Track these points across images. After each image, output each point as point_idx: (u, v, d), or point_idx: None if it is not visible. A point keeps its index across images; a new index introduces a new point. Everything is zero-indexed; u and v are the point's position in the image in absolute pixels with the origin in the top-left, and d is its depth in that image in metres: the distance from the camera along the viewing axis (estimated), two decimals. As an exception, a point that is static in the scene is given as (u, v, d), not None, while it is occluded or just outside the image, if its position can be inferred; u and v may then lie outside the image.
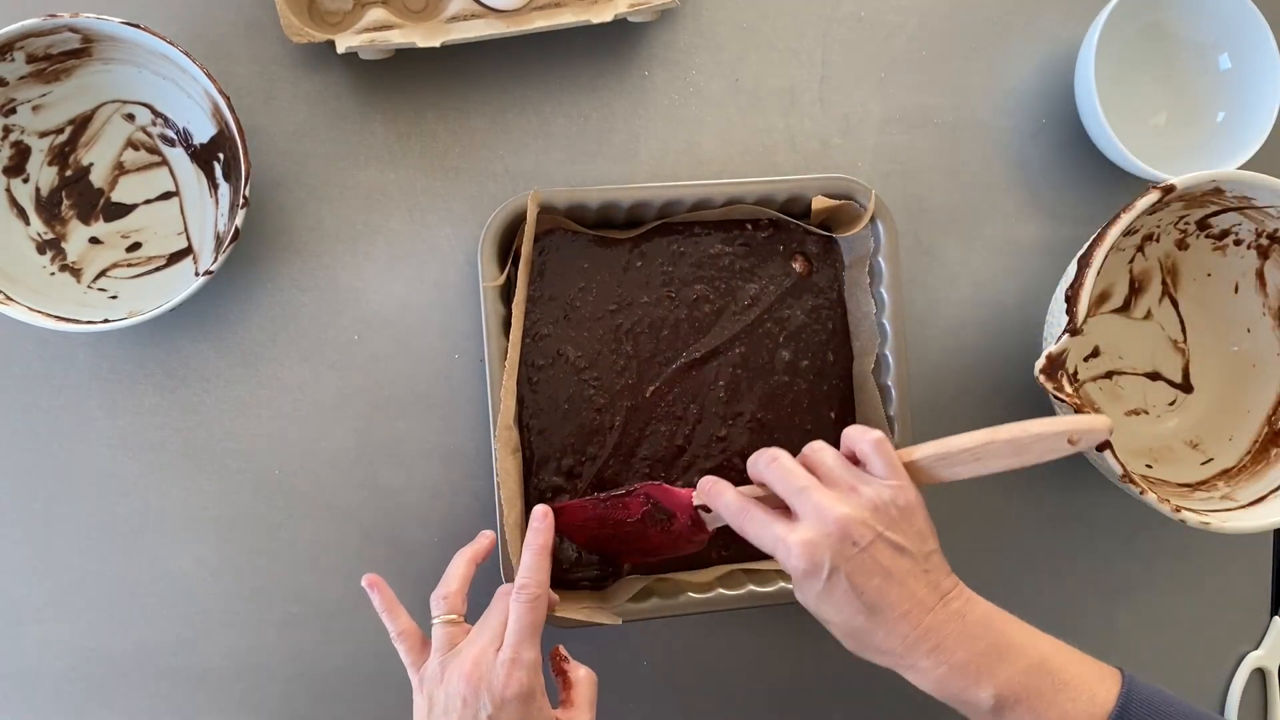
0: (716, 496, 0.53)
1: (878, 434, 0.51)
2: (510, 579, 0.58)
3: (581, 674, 0.55)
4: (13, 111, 0.59)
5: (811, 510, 0.49)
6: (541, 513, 0.56)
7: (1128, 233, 0.61)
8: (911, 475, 0.51)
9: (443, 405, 0.64)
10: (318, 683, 0.63)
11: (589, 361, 0.63)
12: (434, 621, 0.53)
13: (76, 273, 0.61)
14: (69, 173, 0.61)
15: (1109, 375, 0.70)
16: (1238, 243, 0.67)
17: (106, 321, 0.57)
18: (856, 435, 0.52)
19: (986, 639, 0.49)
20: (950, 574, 0.51)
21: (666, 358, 0.63)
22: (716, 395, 0.64)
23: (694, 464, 0.63)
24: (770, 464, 0.52)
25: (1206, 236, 0.67)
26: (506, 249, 0.62)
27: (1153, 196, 0.58)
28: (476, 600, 0.63)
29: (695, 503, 0.55)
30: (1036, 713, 0.48)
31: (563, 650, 0.56)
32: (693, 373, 0.64)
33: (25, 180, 0.60)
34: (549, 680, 0.53)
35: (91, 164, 0.61)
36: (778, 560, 0.50)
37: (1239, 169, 0.63)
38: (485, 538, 0.57)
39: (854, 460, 0.52)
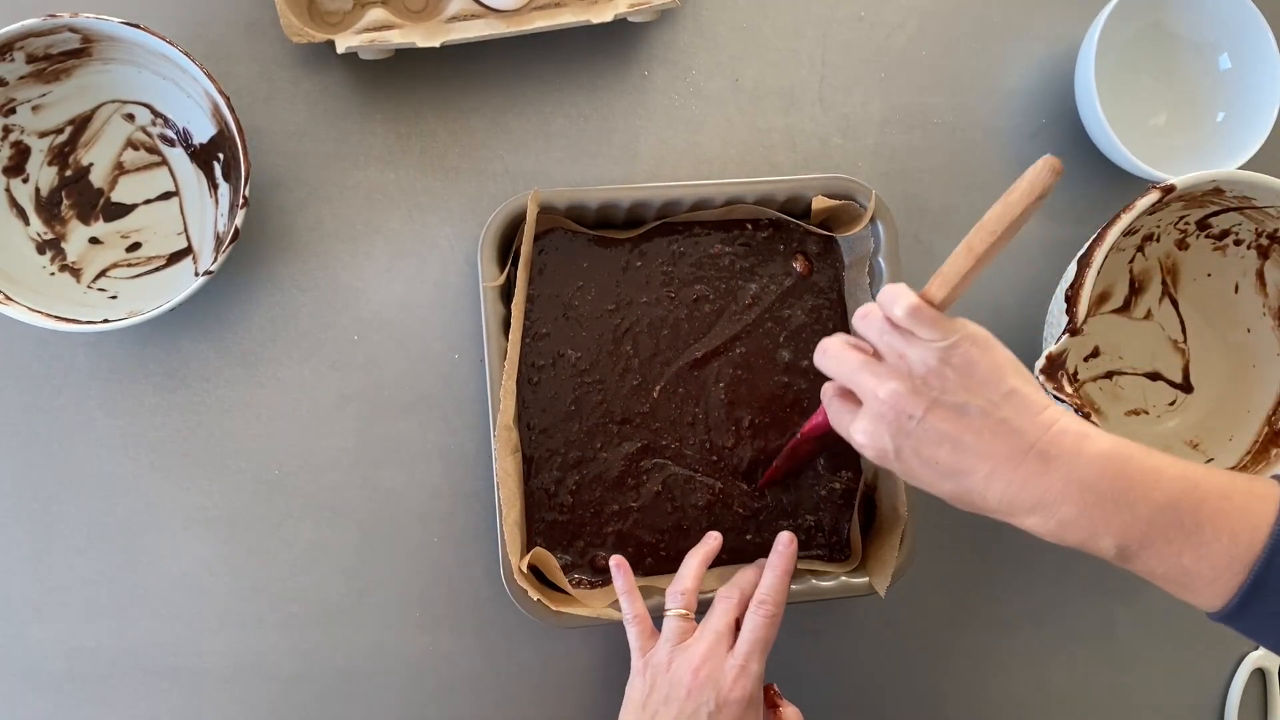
0: (824, 395, 0.53)
1: (909, 301, 0.46)
2: (510, 580, 0.59)
3: (790, 712, 0.57)
4: (13, 111, 0.59)
5: (864, 392, 0.47)
6: (787, 539, 0.58)
7: (1128, 233, 0.61)
8: (944, 310, 0.47)
9: (443, 405, 0.64)
10: (318, 683, 0.63)
11: (589, 362, 0.63)
12: (668, 614, 0.56)
13: (76, 273, 0.61)
14: (69, 173, 0.61)
15: (1109, 375, 0.70)
16: (1238, 243, 0.67)
17: (106, 321, 0.57)
18: (889, 304, 0.47)
19: (1101, 486, 0.44)
20: (1043, 412, 0.45)
21: (667, 357, 0.63)
22: (717, 396, 0.64)
23: (691, 461, 0.63)
24: (821, 356, 0.50)
25: (1206, 236, 0.67)
26: (506, 249, 0.62)
27: (1153, 196, 0.58)
28: (462, 607, 0.63)
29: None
30: (1165, 559, 0.44)
31: (776, 688, 0.59)
32: (693, 373, 0.64)
33: (25, 180, 0.60)
34: None
35: (91, 164, 0.61)
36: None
37: (1239, 169, 0.63)
38: (713, 538, 0.60)
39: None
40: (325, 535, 0.63)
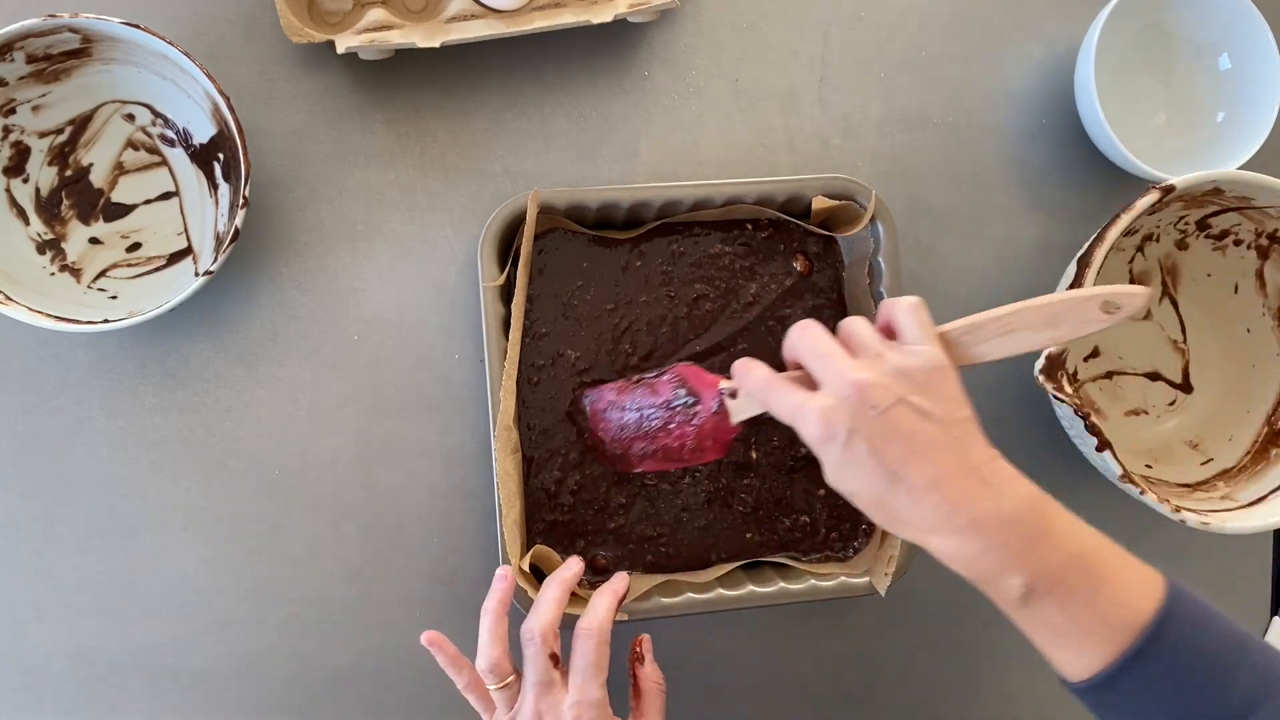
0: (745, 373, 0.52)
1: (915, 299, 0.49)
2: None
3: (653, 687, 0.58)
4: (13, 111, 0.59)
5: (832, 375, 0.47)
6: (620, 577, 0.59)
7: (1128, 233, 0.61)
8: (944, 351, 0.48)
9: (443, 405, 0.64)
10: (318, 683, 0.63)
11: (589, 361, 0.63)
12: (490, 689, 0.55)
13: (76, 273, 0.61)
14: (69, 173, 0.61)
15: (1109, 375, 0.70)
16: (1237, 243, 0.67)
17: (106, 321, 0.57)
18: (891, 301, 0.50)
19: (1025, 524, 0.45)
20: (987, 447, 0.47)
21: (666, 356, 0.63)
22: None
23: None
24: (801, 331, 0.50)
25: (1206, 237, 0.67)
26: (506, 249, 0.62)
27: (1153, 197, 0.58)
28: (462, 607, 0.63)
29: (722, 386, 0.54)
30: (1066, 610, 0.45)
31: (640, 650, 0.59)
32: (693, 373, 0.64)
33: (25, 180, 0.60)
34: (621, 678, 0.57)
35: (91, 164, 0.61)
36: (797, 430, 0.48)
37: (1239, 169, 0.63)
38: (504, 580, 0.57)
39: (890, 335, 0.50)
40: (325, 535, 0.63)
